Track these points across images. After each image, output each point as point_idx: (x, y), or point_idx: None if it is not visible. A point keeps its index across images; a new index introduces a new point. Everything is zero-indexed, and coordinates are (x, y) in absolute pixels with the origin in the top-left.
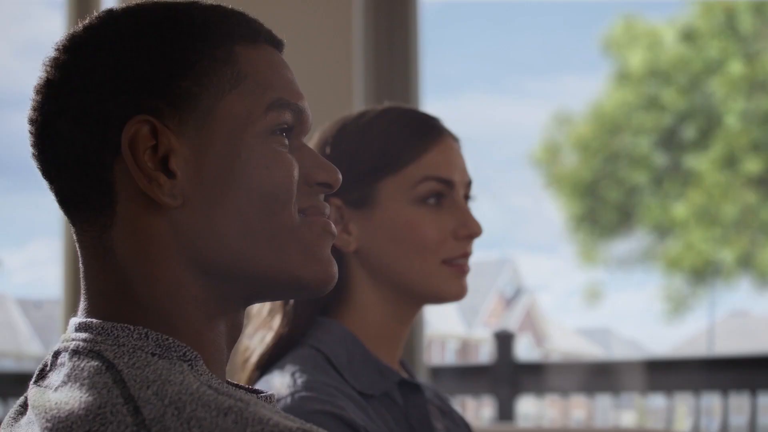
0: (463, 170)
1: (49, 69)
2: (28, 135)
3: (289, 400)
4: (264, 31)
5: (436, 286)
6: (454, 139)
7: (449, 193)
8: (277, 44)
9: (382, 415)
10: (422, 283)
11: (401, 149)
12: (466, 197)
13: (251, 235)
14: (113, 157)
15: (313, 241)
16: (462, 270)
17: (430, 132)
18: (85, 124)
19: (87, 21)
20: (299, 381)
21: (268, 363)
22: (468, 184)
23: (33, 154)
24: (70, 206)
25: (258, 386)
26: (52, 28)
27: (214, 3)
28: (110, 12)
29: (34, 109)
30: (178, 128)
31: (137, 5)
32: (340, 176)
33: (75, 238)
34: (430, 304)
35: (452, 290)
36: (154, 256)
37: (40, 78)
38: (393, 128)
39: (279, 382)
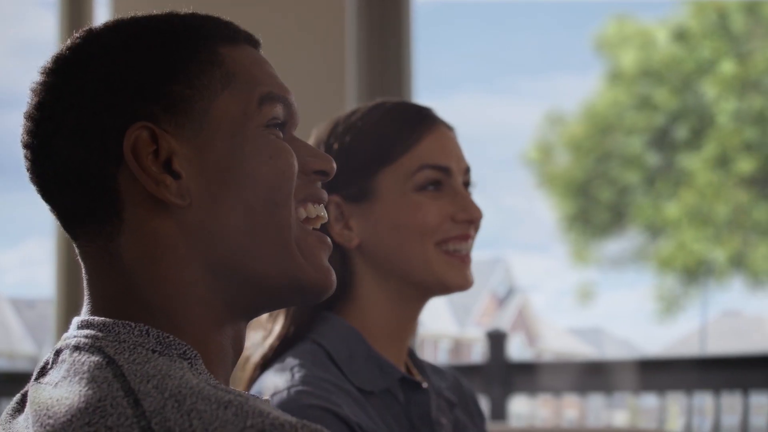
0: (460, 157)
1: (39, 93)
2: (24, 161)
3: (285, 394)
4: (242, 31)
5: (439, 275)
6: (448, 127)
7: (447, 180)
8: (254, 43)
9: (382, 413)
10: (424, 271)
11: (395, 140)
12: (466, 184)
13: (257, 228)
14: (116, 167)
15: (311, 249)
16: (462, 260)
17: (423, 121)
18: (84, 140)
19: (69, 42)
20: (297, 375)
21: (270, 361)
22: (466, 170)
23: (31, 178)
24: (74, 222)
25: (259, 380)
26: (46, 28)
27: (190, 11)
28: (90, 31)
29: (29, 133)
30: (176, 131)
31: (116, 21)
32: (335, 164)
33: (78, 250)
34: (435, 295)
35: (455, 280)
36: (163, 258)
37: (30, 103)
38: (385, 120)
39: (278, 376)
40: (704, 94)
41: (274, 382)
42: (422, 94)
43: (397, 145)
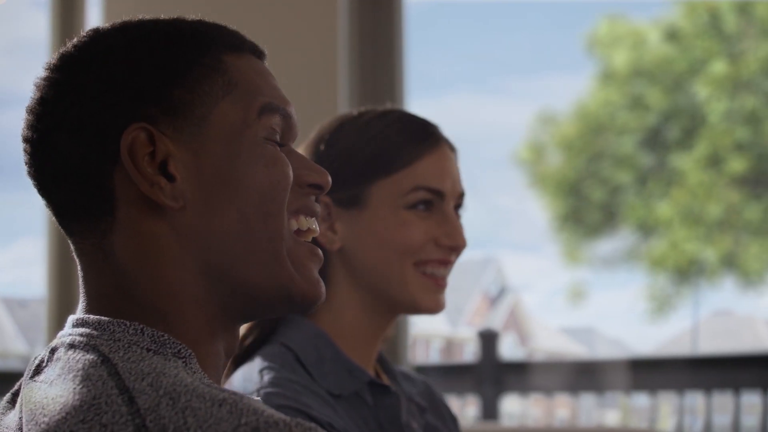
0: (456, 181)
1: (42, 88)
2: (23, 154)
3: (254, 396)
4: (247, 41)
5: (412, 295)
6: (451, 148)
7: (439, 203)
8: (259, 54)
9: (351, 415)
10: (398, 289)
11: (396, 153)
12: (458, 206)
13: (249, 236)
14: (112, 165)
15: (302, 260)
16: (438, 283)
17: (427, 139)
18: (83, 136)
19: (75, 40)
20: (266, 378)
21: (241, 358)
22: (460, 195)
23: (29, 172)
24: (69, 218)
25: (227, 382)
26: (38, 28)
27: (197, 18)
28: (97, 30)
29: (29, 127)
30: (174, 134)
31: (123, 23)
32: (330, 179)
33: (73, 247)
34: (405, 313)
35: (428, 303)
36: (156, 258)
37: (33, 98)
38: (389, 131)
39: (247, 379)
40: (696, 93)
41: (243, 385)
42: (414, 95)
43: (397, 159)
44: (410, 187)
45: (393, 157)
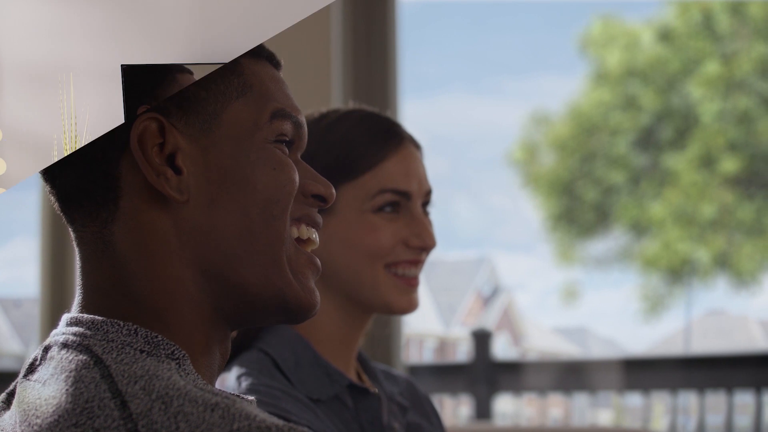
0: (422, 179)
1: None
2: None
3: None
4: (266, 49)
5: (385, 297)
6: (416, 146)
7: (406, 204)
8: (276, 64)
9: (332, 419)
10: (370, 292)
11: (359, 156)
12: (426, 203)
13: (250, 236)
14: (120, 153)
15: (301, 268)
16: (410, 283)
17: (390, 140)
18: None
19: None
20: (244, 384)
21: None
22: (427, 192)
23: None
24: (71, 203)
25: None
26: None
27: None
28: None
29: None
30: (185, 129)
31: None
32: (335, 192)
33: (73, 235)
34: (379, 313)
35: (401, 303)
36: (155, 252)
37: None
38: (352, 133)
39: (225, 386)
40: (689, 94)
41: None
42: (407, 94)
43: (360, 162)
44: (376, 190)
45: (356, 160)
